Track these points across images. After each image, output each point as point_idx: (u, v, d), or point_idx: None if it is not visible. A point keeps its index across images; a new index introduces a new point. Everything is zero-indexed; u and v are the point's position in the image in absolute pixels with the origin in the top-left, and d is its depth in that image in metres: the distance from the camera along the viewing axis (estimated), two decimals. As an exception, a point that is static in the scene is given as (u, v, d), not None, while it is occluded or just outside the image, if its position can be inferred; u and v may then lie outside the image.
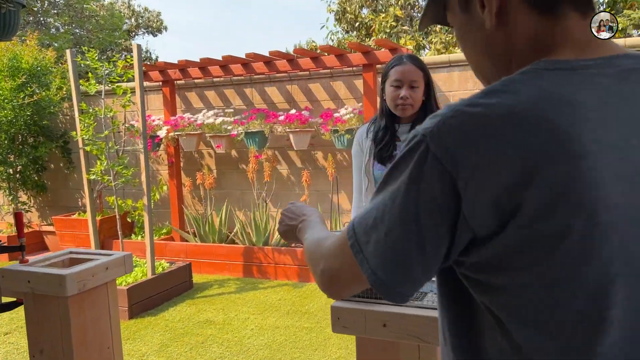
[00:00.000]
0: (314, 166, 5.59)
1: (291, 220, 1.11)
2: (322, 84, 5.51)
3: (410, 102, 2.18)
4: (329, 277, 0.77)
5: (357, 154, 2.36)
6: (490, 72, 0.79)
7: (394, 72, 2.20)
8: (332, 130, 4.95)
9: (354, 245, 0.71)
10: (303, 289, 4.81)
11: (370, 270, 0.69)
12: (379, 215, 0.69)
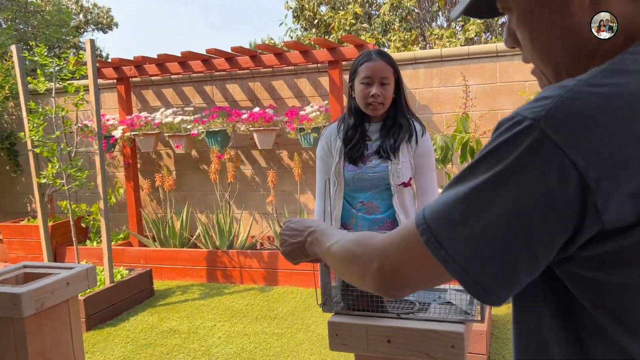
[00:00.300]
0: (279, 166, 5.44)
1: (295, 237, 1.06)
2: (286, 81, 5.37)
3: (382, 101, 2.08)
4: (391, 273, 0.71)
5: (323, 155, 2.22)
6: (564, 62, 0.71)
7: (364, 68, 2.09)
8: (298, 128, 4.81)
9: (431, 242, 0.64)
10: (271, 292, 4.66)
11: (461, 270, 0.62)
12: (470, 208, 0.61)
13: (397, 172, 2.10)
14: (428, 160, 2.19)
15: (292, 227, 1.09)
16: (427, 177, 2.19)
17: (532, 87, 4.57)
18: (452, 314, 1.20)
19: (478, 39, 10.47)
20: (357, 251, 0.78)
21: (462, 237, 0.62)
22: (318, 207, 2.24)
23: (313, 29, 11.77)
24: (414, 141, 2.15)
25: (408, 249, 0.68)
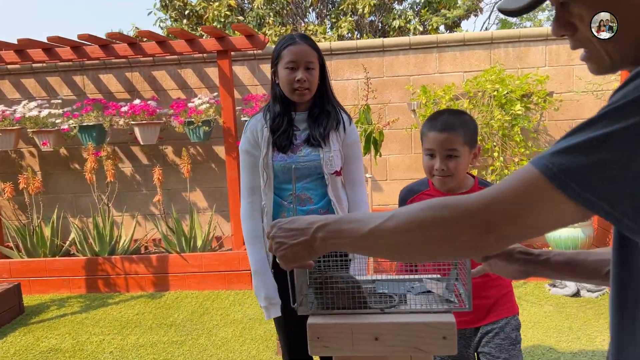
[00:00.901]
0: (164, 163, 5.08)
1: (295, 237, 0.97)
2: (169, 72, 5.03)
3: (308, 86, 1.98)
4: (503, 219, 0.72)
5: (249, 149, 2.07)
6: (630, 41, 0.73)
7: (288, 52, 1.98)
8: (186, 122, 4.53)
9: (565, 184, 0.67)
10: (162, 298, 4.34)
11: (593, 201, 0.66)
12: (623, 150, 0.63)
13: (330, 160, 2.02)
14: (356, 150, 2.12)
15: (288, 227, 0.99)
16: (356, 166, 2.12)
17: (417, 80, 4.77)
18: (435, 304, 1.14)
19: (350, 36, 10.78)
20: (443, 213, 0.77)
21: (603, 175, 0.65)
22: (246, 205, 2.08)
23: (184, 19, 11.26)
24: (342, 130, 2.07)
25: (528, 193, 0.70)
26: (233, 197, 4.60)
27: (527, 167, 0.72)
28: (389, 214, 0.84)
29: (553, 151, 0.69)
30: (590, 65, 0.80)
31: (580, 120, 4.64)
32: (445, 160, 1.73)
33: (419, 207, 0.80)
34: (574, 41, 0.79)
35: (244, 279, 4.46)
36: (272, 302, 2.04)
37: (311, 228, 0.94)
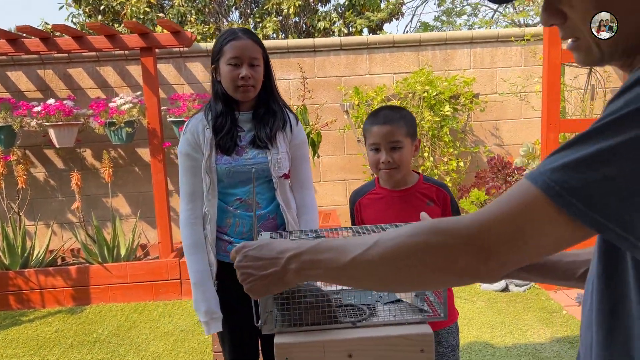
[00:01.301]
0: (82, 167, 4.73)
1: (264, 268, 0.87)
2: (87, 69, 4.69)
3: (252, 83, 1.86)
4: (499, 247, 0.66)
5: (190, 151, 1.90)
6: (630, 39, 0.70)
7: (230, 48, 1.85)
8: (107, 123, 4.23)
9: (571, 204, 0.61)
10: (84, 313, 4.03)
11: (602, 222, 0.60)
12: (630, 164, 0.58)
13: (278, 162, 1.91)
14: (304, 151, 2.03)
15: (255, 255, 0.88)
16: (304, 168, 2.03)
17: (348, 81, 4.75)
18: (408, 314, 1.08)
19: (275, 36, 10.68)
20: (434, 239, 0.69)
21: (610, 192, 0.59)
22: (186, 212, 1.92)
23: (99, 15, 10.66)
24: (289, 130, 1.97)
25: (528, 214, 0.64)
26: (160, 202, 4.36)
27: (525, 185, 0.66)
28: (372, 240, 0.76)
29: (553, 166, 0.63)
30: (578, 55, 0.76)
31: (504, 120, 4.84)
32: (390, 153, 1.76)
33: (406, 232, 0.73)
34: (563, 30, 0.75)
35: (173, 288, 4.23)
36: (214, 317, 1.90)
37: (282, 258, 0.85)
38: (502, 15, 10.37)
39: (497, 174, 3.98)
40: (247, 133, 1.94)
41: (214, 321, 1.90)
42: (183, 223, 1.93)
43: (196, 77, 4.75)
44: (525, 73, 4.77)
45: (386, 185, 1.85)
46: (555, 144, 3.94)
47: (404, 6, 10.62)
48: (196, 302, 1.92)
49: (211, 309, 1.89)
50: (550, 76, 3.87)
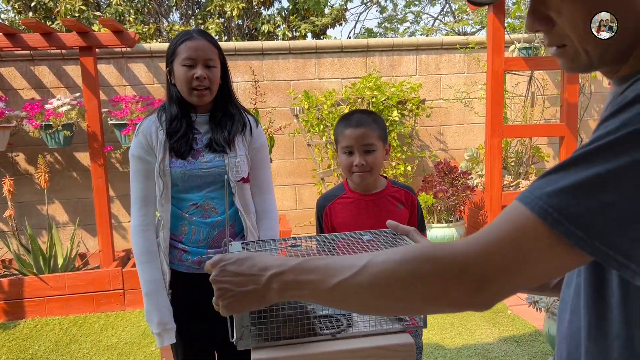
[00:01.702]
0: (14, 172, 4.44)
1: (244, 284, 0.82)
2: (19, 69, 4.41)
3: (208, 84, 1.79)
4: (497, 274, 0.64)
5: (142, 154, 1.83)
6: (616, 43, 0.70)
7: (185, 48, 1.78)
8: (43, 125, 4.00)
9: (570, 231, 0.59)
10: (18, 328, 3.77)
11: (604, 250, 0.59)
12: (629, 190, 0.57)
13: (236, 166, 1.84)
14: (264, 154, 1.97)
15: (234, 270, 0.83)
16: (264, 172, 1.97)
17: (297, 85, 4.73)
18: (386, 323, 1.06)
19: (218, 38, 10.50)
20: (426, 267, 0.66)
21: (611, 219, 0.58)
22: (138, 218, 1.83)
23: (30, 12, 10.12)
24: (248, 133, 1.91)
25: (525, 241, 0.62)
26: (100, 208, 4.16)
27: (519, 209, 0.63)
28: (360, 263, 0.72)
29: (549, 190, 0.61)
30: (564, 62, 0.75)
31: (448, 126, 4.95)
32: (363, 156, 1.76)
33: (397, 258, 0.69)
34: (550, 37, 0.74)
35: (115, 299, 4.04)
36: (167, 328, 1.81)
37: (263, 276, 0.80)
38: (443, 24, 10.70)
39: (444, 178, 4.08)
40: (203, 136, 1.87)
41: (167, 332, 1.82)
42: (134, 230, 1.84)
43: (139, 78, 4.58)
44: (468, 80, 4.91)
45: (357, 189, 1.84)
46: (498, 149, 4.08)
47: (347, 12, 10.73)
48: (148, 312, 1.83)
49: (164, 320, 1.80)
50: (493, 83, 4.00)
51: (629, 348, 0.68)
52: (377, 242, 1.14)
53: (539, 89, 4.74)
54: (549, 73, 4.89)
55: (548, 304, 2.65)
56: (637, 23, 0.68)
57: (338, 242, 1.13)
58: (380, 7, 11.88)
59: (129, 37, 4.12)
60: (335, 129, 1.84)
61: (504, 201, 4.16)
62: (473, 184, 4.28)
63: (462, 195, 4.10)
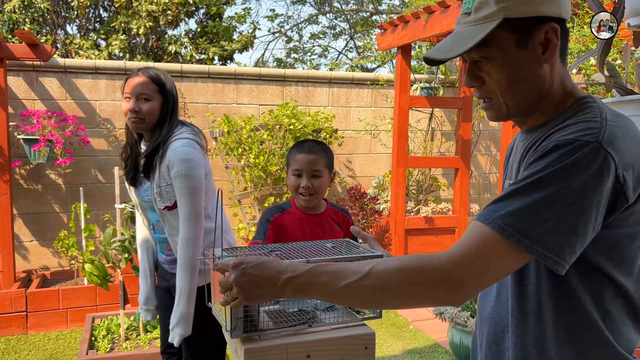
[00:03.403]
0: None
1: (261, 286, 0.97)
2: None
3: (142, 116, 1.97)
4: (471, 276, 0.86)
5: None
6: (529, 100, 0.99)
7: (126, 85, 2.02)
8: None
9: (521, 241, 0.85)
10: None
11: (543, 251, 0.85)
12: (554, 209, 0.84)
13: (158, 196, 2.00)
14: (178, 184, 1.94)
15: (253, 273, 0.97)
16: (181, 201, 1.95)
17: (216, 109, 4.85)
18: (346, 317, 1.26)
19: (122, 54, 10.23)
20: (418, 277, 0.88)
21: (547, 231, 0.84)
22: (139, 226, 2.29)
23: None
24: (167, 162, 1.95)
25: (489, 251, 0.87)
26: (3, 226, 3.95)
27: (482, 228, 0.88)
28: (364, 269, 0.91)
29: (503, 213, 0.86)
30: (490, 113, 1.03)
31: (356, 154, 5.32)
32: (310, 179, 1.95)
33: (395, 268, 0.90)
34: (480, 92, 1.02)
35: (17, 322, 3.84)
36: (144, 308, 2.28)
37: (279, 279, 0.95)
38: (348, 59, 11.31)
39: (355, 202, 4.39)
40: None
41: (147, 312, 2.27)
42: (139, 222, 2.29)
43: (50, 93, 4.45)
44: (375, 113, 5.34)
45: (302, 208, 2.01)
46: (403, 177, 4.49)
47: (255, 39, 10.99)
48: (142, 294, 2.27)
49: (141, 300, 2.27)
50: (400, 118, 4.42)
51: (540, 317, 0.96)
52: (340, 249, 1.34)
53: (438, 125, 5.27)
54: (445, 111, 5.45)
55: (452, 315, 3.00)
56: (540, 88, 0.98)
57: (307, 249, 1.31)
58: (286, 37, 12.30)
59: (45, 51, 4.03)
60: (287, 153, 2.03)
61: (407, 225, 4.56)
62: (380, 208, 4.64)
63: (370, 218, 4.43)
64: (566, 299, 0.93)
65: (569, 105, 0.98)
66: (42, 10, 10.04)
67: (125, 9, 10.07)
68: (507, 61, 0.95)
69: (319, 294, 0.94)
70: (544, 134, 0.96)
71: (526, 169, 0.90)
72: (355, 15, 12.01)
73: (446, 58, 0.97)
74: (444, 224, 4.83)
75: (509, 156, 1.16)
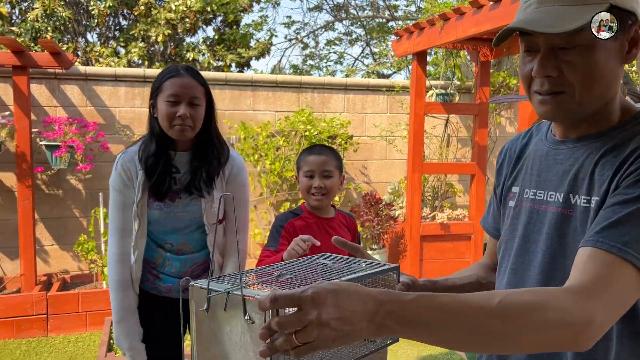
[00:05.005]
0: None
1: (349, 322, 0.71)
2: (-58, 83, 4.23)
3: (190, 123, 1.78)
4: (604, 319, 0.77)
5: (122, 188, 1.86)
6: (600, 101, 0.93)
7: (170, 85, 1.78)
8: (-32, 143, 3.86)
9: None
10: None
11: None
12: None
13: (212, 210, 1.86)
14: (240, 194, 1.95)
15: (342, 304, 0.71)
16: (239, 212, 1.96)
17: (232, 115, 4.90)
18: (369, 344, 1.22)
19: (141, 62, 10.39)
20: (554, 316, 0.76)
21: None
22: (116, 248, 1.87)
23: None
24: (228, 172, 1.92)
25: (626, 284, 0.79)
26: (25, 231, 4.04)
27: (609, 258, 0.79)
28: (490, 305, 0.75)
29: (629, 240, 0.80)
30: (553, 108, 0.93)
31: (372, 160, 5.32)
32: (322, 179, 1.98)
33: (531, 305, 0.76)
34: (552, 83, 0.91)
35: (38, 325, 3.91)
36: (138, 350, 1.88)
37: (378, 311, 0.72)
38: (364, 65, 11.35)
39: (370, 209, 4.40)
40: (183, 176, 1.88)
41: (139, 354, 1.89)
42: (111, 259, 1.89)
43: (71, 100, 4.54)
44: (391, 119, 5.35)
45: (314, 211, 2.04)
46: (418, 183, 4.49)
47: (272, 46, 11.09)
48: (117, 338, 1.89)
49: (133, 345, 1.87)
50: (415, 125, 4.43)
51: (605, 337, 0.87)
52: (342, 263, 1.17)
53: (454, 132, 5.26)
54: (461, 117, 5.44)
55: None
56: (614, 89, 0.92)
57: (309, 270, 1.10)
58: (302, 44, 12.38)
59: (67, 59, 4.12)
60: (298, 158, 2.07)
61: (423, 231, 4.55)
62: (395, 215, 4.64)
63: (385, 224, 4.44)
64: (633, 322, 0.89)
65: (627, 118, 0.94)
66: (63, 19, 10.24)
67: (145, 17, 10.22)
68: (599, 52, 0.88)
69: (427, 332, 0.74)
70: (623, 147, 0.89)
71: (630, 187, 0.84)
72: (372, 21, 12.05)
73: (542, 31, 0.87)
74: (460, 230, 4.81)
75: (507, 161, 1.14)
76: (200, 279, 1.68)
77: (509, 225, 1.08)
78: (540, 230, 0.99)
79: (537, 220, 1.01)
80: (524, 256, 1.02)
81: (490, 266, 1.25)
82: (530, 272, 1.00)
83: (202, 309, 0.88)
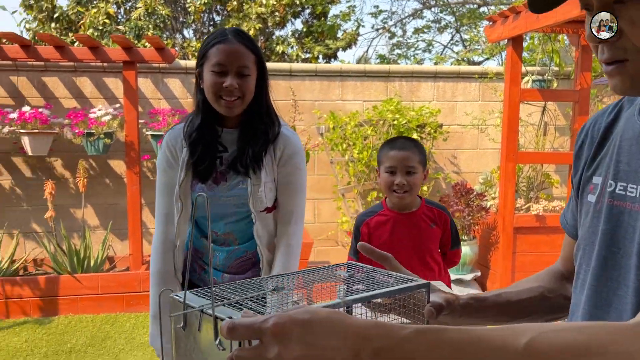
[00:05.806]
0: (51, 175, 4.67)
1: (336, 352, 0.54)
2: (63, 79, 4.67)
3: (239, 94, 1.57)
4: None
5: (166, 167, 1.70)
6: None
7: (216, 52, 1.55)
8: (86, 133, 4.24)
9: None
10: (53, 324, 3.96)
11: None
12: None
13: (259, 195, 1.63)
14: (296, 179, 1.71)
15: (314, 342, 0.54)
16: (293, 200, 1.70)
17: (321, 106, 4.99)
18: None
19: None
20: None
21: None
22: (159, 235, 1.70)
23: (52, 23, 10.43)
24: (279, 153, 1.67)
25: None
26: (133, 214, 4.38)
27: None
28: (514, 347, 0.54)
29: None
30: (619, 80, 0.70)
31: (462, 150, 5.20)
32: (405, 176, 1.91)
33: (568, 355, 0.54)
34: (612, 49, 0.69)
35: (144, 300, 4.24)
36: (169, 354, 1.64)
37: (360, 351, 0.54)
38: (454, 52, 11.07)
39: (461, 199, 4.32)
40: (230, 155, 1.67)
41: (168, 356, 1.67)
42: (155, 249, 1.71)
43: (174, 92, 4.84)
44: (483, 107, 5.20)
45: (394, 208, 1.99)
46: (512, 173, 4.34)
47: (359, 36, 11.10)
48: (152, 336, 1.70)
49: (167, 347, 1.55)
50: (510, 112, 4.28)
51: None
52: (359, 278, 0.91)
53: (551, 119, 5.02)
54: (559, 105, 5.18)
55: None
56: None
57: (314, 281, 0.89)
58: (390, 34, 12.27)
59: (170, 54, 4.39)
60: (379, 152, 2.01)
61: (516, 223, 4.40)
62: (487, 205, 4.52)
63: (477, 215, 4.34)
64: None
65: None
66: (163, 17, 10.86)
67: (237, 12, 10.59)
68: None
69: None
70: None
71: None
72: (462, 7, 11.69)
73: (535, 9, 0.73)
74: (557, 222, 4.57)
75: (588, 142, 0.88)
76: (246, 276, 1.60)
77: (588, 226, 0.83)
78: (631, 237, 0.75)
79: (626, 223, 0.76)
80: (609, 270, 0.78)
81: (564, 274, 0.98)
82: (620, 291, 0.76)
83: (179, 325, 0.75)
